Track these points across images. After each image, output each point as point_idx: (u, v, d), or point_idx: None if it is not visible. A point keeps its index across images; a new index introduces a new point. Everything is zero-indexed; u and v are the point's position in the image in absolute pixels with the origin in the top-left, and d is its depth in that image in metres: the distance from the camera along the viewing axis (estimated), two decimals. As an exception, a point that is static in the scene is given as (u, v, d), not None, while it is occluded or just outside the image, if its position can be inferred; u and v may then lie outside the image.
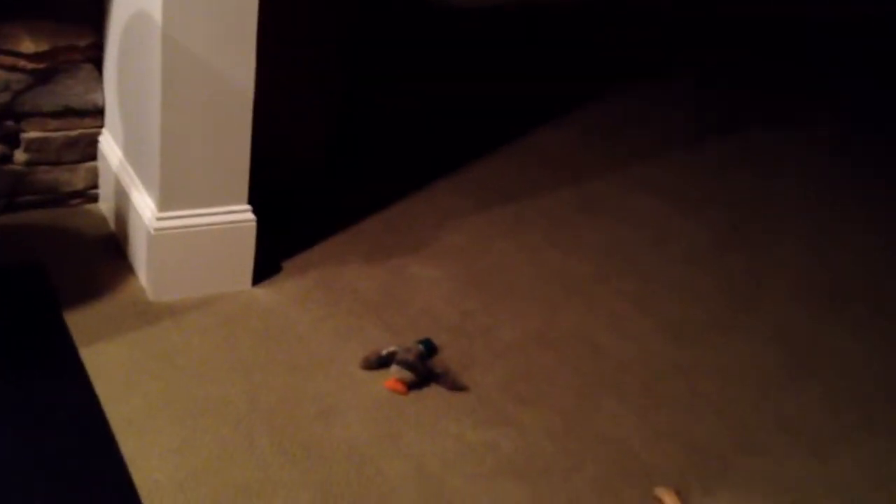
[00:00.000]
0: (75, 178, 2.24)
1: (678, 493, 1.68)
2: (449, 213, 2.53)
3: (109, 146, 2.21)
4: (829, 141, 3.36)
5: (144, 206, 2.02)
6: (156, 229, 1.97)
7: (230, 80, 1.93)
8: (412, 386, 1.86)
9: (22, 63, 2.09)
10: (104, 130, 2.24)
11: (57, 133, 2.18)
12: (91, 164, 2.25)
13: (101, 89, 2.21)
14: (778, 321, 2.29)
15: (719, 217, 2.72)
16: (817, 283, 2.48)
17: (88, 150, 2.24)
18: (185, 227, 1.99)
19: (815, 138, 3.35)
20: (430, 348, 1.95)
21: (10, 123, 2.13)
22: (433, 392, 1.88)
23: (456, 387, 1.88)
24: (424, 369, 1.88)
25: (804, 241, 2.67)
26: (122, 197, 2.12)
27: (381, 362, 1.90)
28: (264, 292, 2.09)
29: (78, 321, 1.92)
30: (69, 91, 2.17)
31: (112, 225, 2.21)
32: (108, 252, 2.14)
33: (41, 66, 2.12)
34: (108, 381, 1.78)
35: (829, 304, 2.39)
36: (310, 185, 2.54)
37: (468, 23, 3.85)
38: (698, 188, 2.87)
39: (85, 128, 2.22)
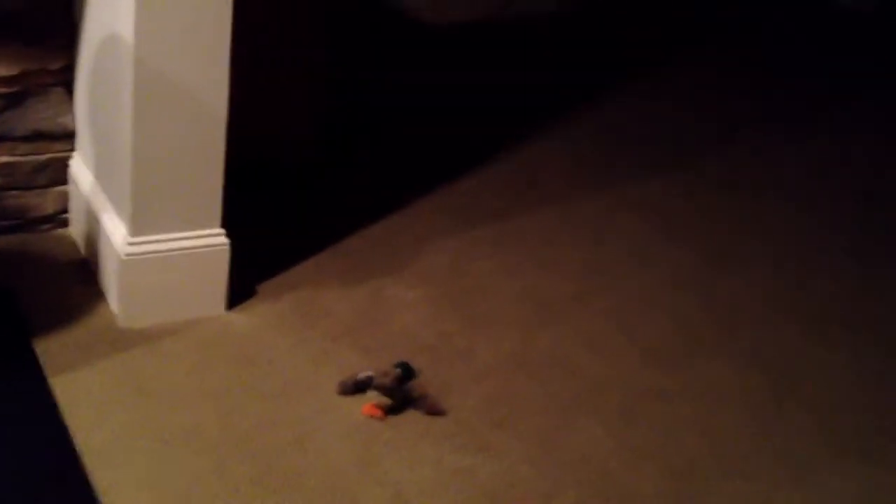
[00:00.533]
0: (45, 203, 2.21)
1: None
2: (430, 231, 2.50)
3: (80, 170, 2.18)
4: (818, 162, 3.35)
5: (115, 230, 1.99)
6: (127, 254, 1.94)
7: (203, 102, 1.91)
8: (389, 411, 1.84)
9: (-9, 87, 2.07)
10: (75, 154, 2.21)
11: (27, 157, 2.15)
12: (61, 188, 2.22)
13: (72, 113, 2.18)
14: (761, 344, 2.27)
15: (703, 239, 2.70)
16: (800, 307, 2.46)
17: (59, 174, 2.21)
18: (157, 251, 1.96)
19: (803, 159, 3.35)
20: (407, 372, 1.92)
21: (-22, 148, 2.10)
22: (411, 417, 1.85)
23: (434, 411, 1.86)
24: (402, 394, 1.86)
25: (788, 264, 2.66)
26: (93, 221, 2.09)
27: (357, 387, 1.87)
28: (239, 317, 2.06)
29: (48, 348, 1.88)
30: (39, 115, 2.14)
31: (83, 250, 2.18)
32: (80, 278, 2.11)
33: (11, 90, 2.08)
34: (79, 410, 1.75)
35: (811, 328, 2.37)
36: (288, 198, 2.53)
37: (447, 40, 3.84)
38: (683, 209, 2.85)
39: (55, 152, 2.19)
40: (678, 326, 2.28)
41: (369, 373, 1.87)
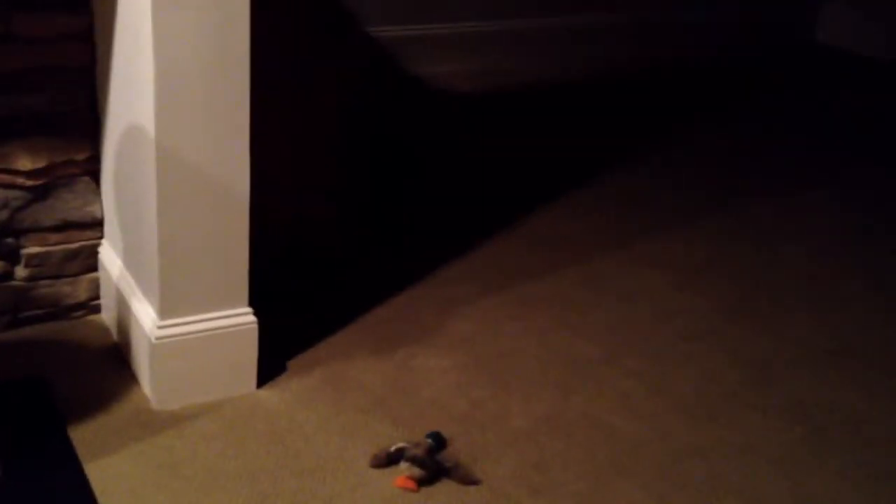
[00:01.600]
0: (77, 291, 2.25)
1: None
2: (454, 299, 2.51)
3: (109, 257, 2.21)
4: (828, 206, 3.34)
5: (145, 314, 2.01)
6: (157, 338, 1.96)
7: (225, 185, 1.94)
8: (423, 482, 1.82)
9: (20, 180, 2.11)
10: (104, 241, 2.25)
11: (57, 247, 2.19)
12: (92, 275, 2.25)
13: (100, 201, 2.23)
14: (792, 393, 2.24)
15: (725, 289, 2.69)
16: (828, 352, 2.43)
17: (89, 261, 2.24)
18: (187, 333, 1.98)
19: (815, 204, 3.34)
20: (439, 441, 1.91)
21: (9, 241, 2.14)
22: (445, 487, 1.84)
23: (468, 480, 1.84)
24: (434, 464, 1.84)
25: (811, 309, 2.63)
26: (123, 307, 2.12)
27: (390, 459, 1.86)
28: (269, 394, 2.07)
29: (82, 435, 1.90)
30: (68, 205, 2.19)
31: (115, 335, 2.21)
32: (112, 363, 2.13)
33: (39, 182, 2.14)
34: (114, 495, 1.75)
35: (842, 372, 2.34)
36: (311, 274, 2.54)
37: (468, 106, 3.89)
38: (702, 260, 2.84)
39: (85, 240, 2.23)
40: (709, 381, 2.26)
41: (401, 444, 1.87)
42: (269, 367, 2.11)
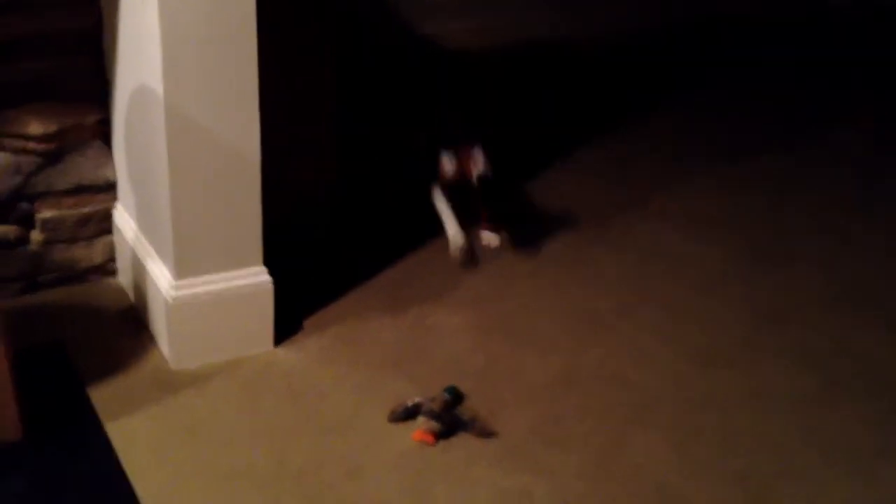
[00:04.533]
0: (92, 254, 2.26)
1: None
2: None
3: (124, 219, 2.22)
4: (841, 158, 3.32)
5: (161, 275, 2.02)
6: (173, 298, 1.97)
7: (235, 144, 1.94)
8: (440, 436, 1.84)
9: (31, 145, 2.12)
10: (117, 204, 2.26)
11: (71, 211, 2.20)
12: (107, 238, 2.26)
13: (112, 164, 2.23)
14: (805, 340, 2.24)
15: (736, 240, 2.68)
16: (840, 299, 2.43)
17: (103, 224, 2.25)
18: (203, 293, 2.00)
19: (824, 154, 3.31)
20: (456, 396, 1.93)
21: (24, 205, 2.15)
22: (462, 441, 1.85)
23: (484, 433, 1.86)
24: (451, 418, 1.86)
25: (823, 257, 2.62)
26: (138, 268, 2.13)
27: (407, 414, 1.88)
28: (286, 352, 2.08)
29: (102, 396, 1.92)
30: (80, 168, 2.19)
31: (131, 297, 2.22)
32: (129, 324, 2.15)
33: (51, 146, 2.14)
34: (135, 454, 1.78)
35: (855, 319, 2.34)
36: (321, 237, 2.53)
37: (476, 64, 3.87)
38: (713, 212, 2.83)
39: (98, 203, 2.24)
40: (722, 331, 2.26)
41: (418, 399, 1.88)
42: (285, 326, 2.12)
